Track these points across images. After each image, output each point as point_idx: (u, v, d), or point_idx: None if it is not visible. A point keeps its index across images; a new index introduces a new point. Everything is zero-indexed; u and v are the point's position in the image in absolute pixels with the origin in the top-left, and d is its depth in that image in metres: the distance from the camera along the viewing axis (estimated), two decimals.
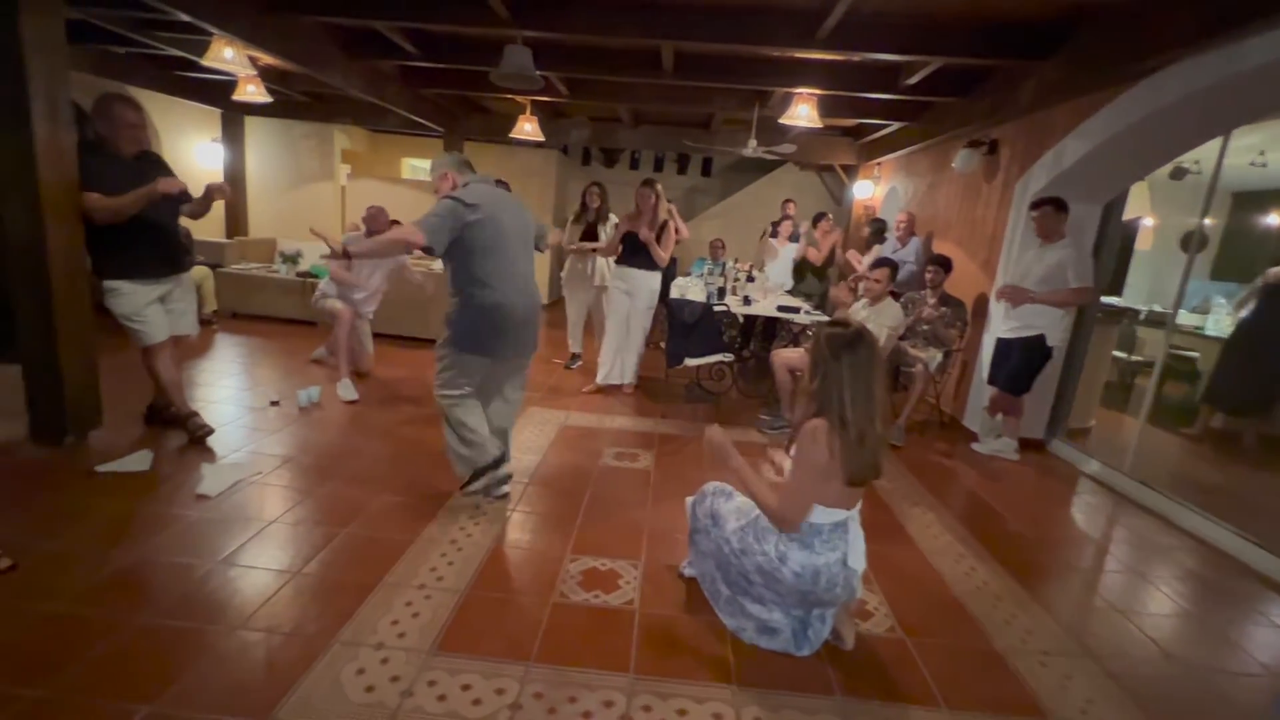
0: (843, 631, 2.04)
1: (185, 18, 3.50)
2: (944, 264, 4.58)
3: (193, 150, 7.48)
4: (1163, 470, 3.77)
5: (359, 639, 1.88)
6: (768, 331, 6.30)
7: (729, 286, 5.07)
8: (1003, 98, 4.28)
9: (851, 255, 6.07)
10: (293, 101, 7.12)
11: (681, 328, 4.22)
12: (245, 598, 2.03)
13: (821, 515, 1.90)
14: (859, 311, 3.88)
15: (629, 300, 4.60)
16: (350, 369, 4.31)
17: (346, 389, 4.08)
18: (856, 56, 4.47)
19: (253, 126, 7.83)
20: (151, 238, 2.95)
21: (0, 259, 2.77)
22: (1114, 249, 4.18)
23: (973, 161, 4.68)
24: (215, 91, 6.81)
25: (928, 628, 2.18)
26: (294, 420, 3.63)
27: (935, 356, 4.26)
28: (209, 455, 3.04)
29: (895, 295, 4.18)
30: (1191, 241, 3.92)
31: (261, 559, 2.25)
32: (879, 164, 7.19)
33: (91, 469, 2.73)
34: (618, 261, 4.59)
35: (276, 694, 1.65)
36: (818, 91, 4.87)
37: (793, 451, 1.92)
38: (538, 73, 4.07)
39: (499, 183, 3.20)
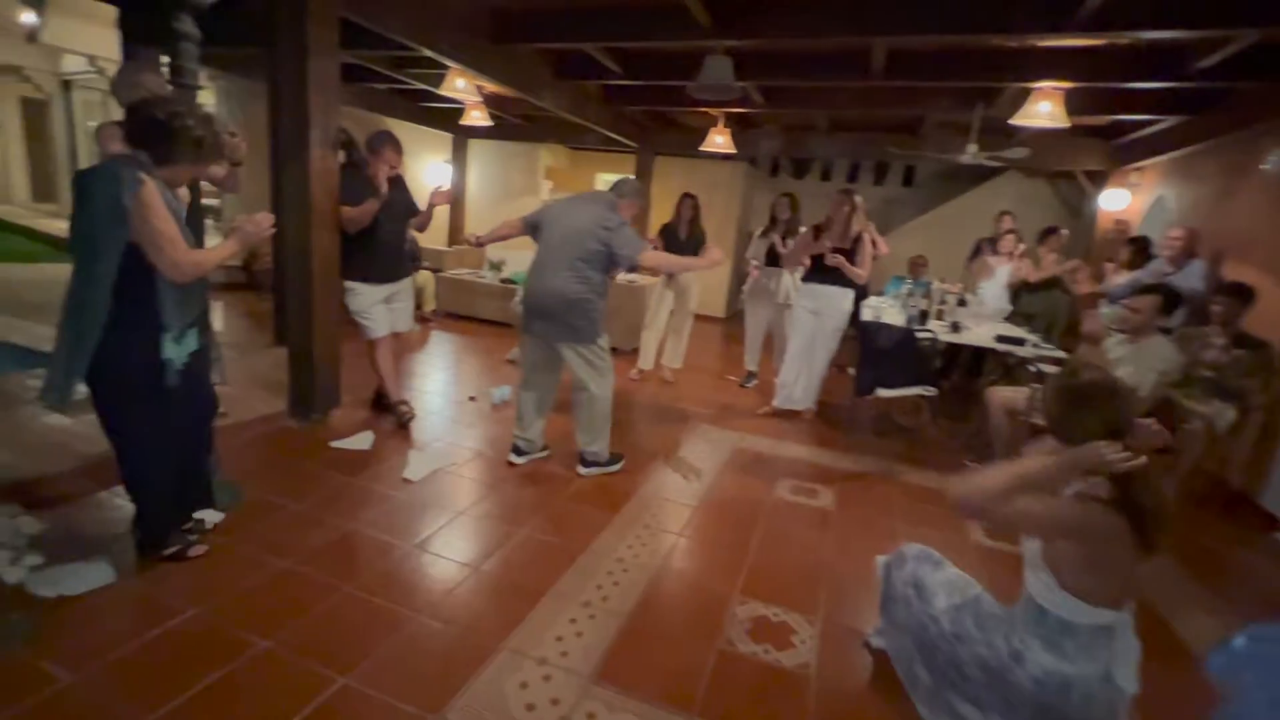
0: None
1: (429, 53, 3.97)
2: (1241, 293, 3.56)
3: (425, 170, 8.63)
4: None
5: (525, 649, 1.88)
6: (974, 363, 5.50)
7: (933, 310, 4.48)
8: None
9: (1108, 269, 5.00)
10: (508, 124, 7.88)
11: (875, 354, 3.80)
12: (433, 584, 2.16)
13: (1080, 613, 1.47)
14: (1114, 349, 3.14)
15: (815, 320, 4.26)
16: None
17: None
18: (1124, 39, 3.70)
19: (474, 148, 8.83)
20: (383, 247, 3.37)
21: (278, 262, 3.32)
22: None
23: None
24: (447, 118, 7.79)
25: None
26: (486, 416, 3.91)
27: (1224, 412, 3.31)
28: (415, 442, 3.36)
29: (1165, 331, 3.33)
30: None
31: (449, 548, 2.39)
32: (1140, 168, 5.92)
33: (328, 444, 3.16)
34: (805, 278, 4.29)
35: (449, 692, 1.69)
36: (1065, 84, 4.11)
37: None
38: (737, 83, 3.95)
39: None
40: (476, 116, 6.29)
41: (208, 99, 6.79)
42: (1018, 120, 4.22)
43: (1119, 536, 1.41)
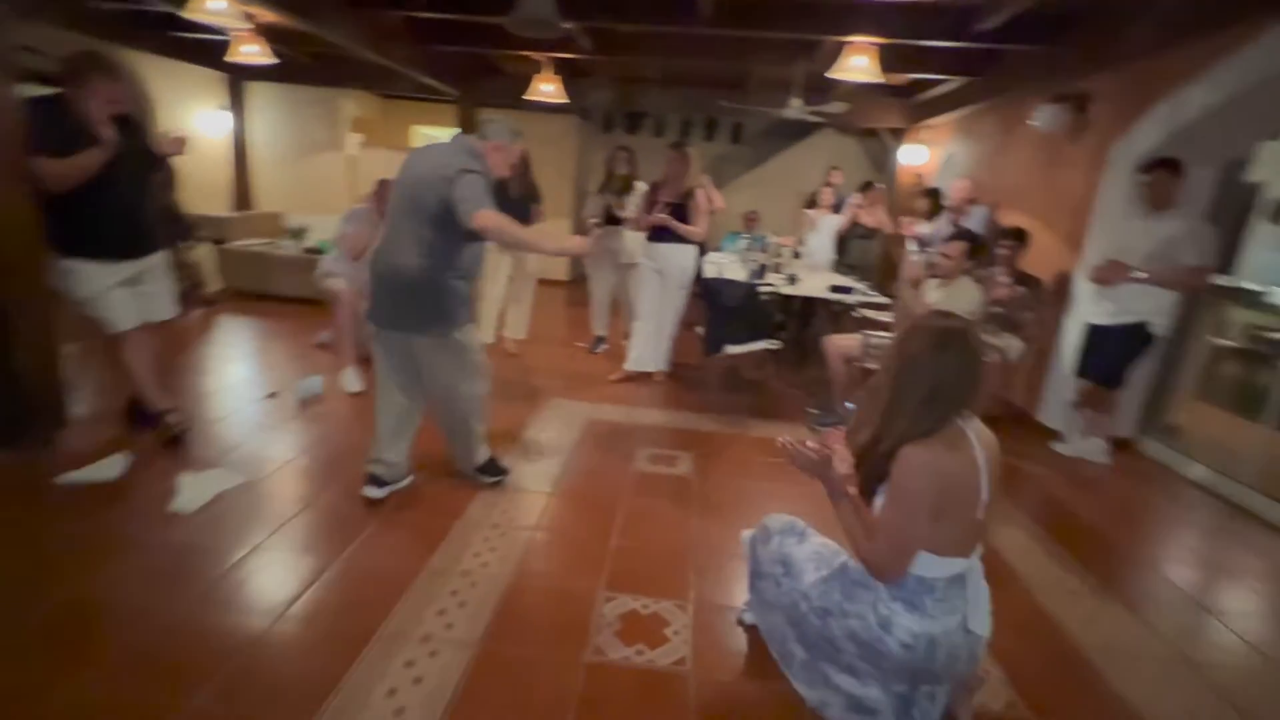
0: (960, 716, 1.61)
1: None
2: (1020, 237, 4.01)
3: (195, 119, 7.08)
4: None
5: (348, 715, 1.50)
6: (805, 313, 5.80)
7: (771, 263, 4.57)
8: (1099, 43, 3.66)
9: (906, 223, 5.47)
10: (296, 64, 6.65)
11: (723, 311, 3.75)
12: (211, 654, 1.66)
13: (933, 567, 1.45)
14: (931, 293, 3.37)
15: (660, 279, 4.13)
16: (357, 355, 3.92)
17: (351, 379, 3.69)
18: None
19: (256, 93, 7.39)
20: (115, 213, 2.54)
21: None
22: (1230, 219, 3.59)
23: (1057, 119, 4.07)
24: (213, 53, 6.36)
25: (1058, 702, 1.74)
26: (292, 416, 3.26)
27: (1014, 344, 3.73)
28: (191, 461, 2.67)
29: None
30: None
31: (236, 600, 1.88)
32: (931, 126, 6.53)
33: (53, 479, 2.37)
34: (648, 237, 4.11)
35: None
36: (877, 40, 4.27)
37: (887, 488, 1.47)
38: (560, 20, 3.55)
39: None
40: (251, 52, 5.16)
41: None
42: (835, 74, 4.32)
43: (962, 476, 1.40)
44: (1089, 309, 3.55)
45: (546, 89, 5.50)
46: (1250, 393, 5.00)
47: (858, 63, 4.21)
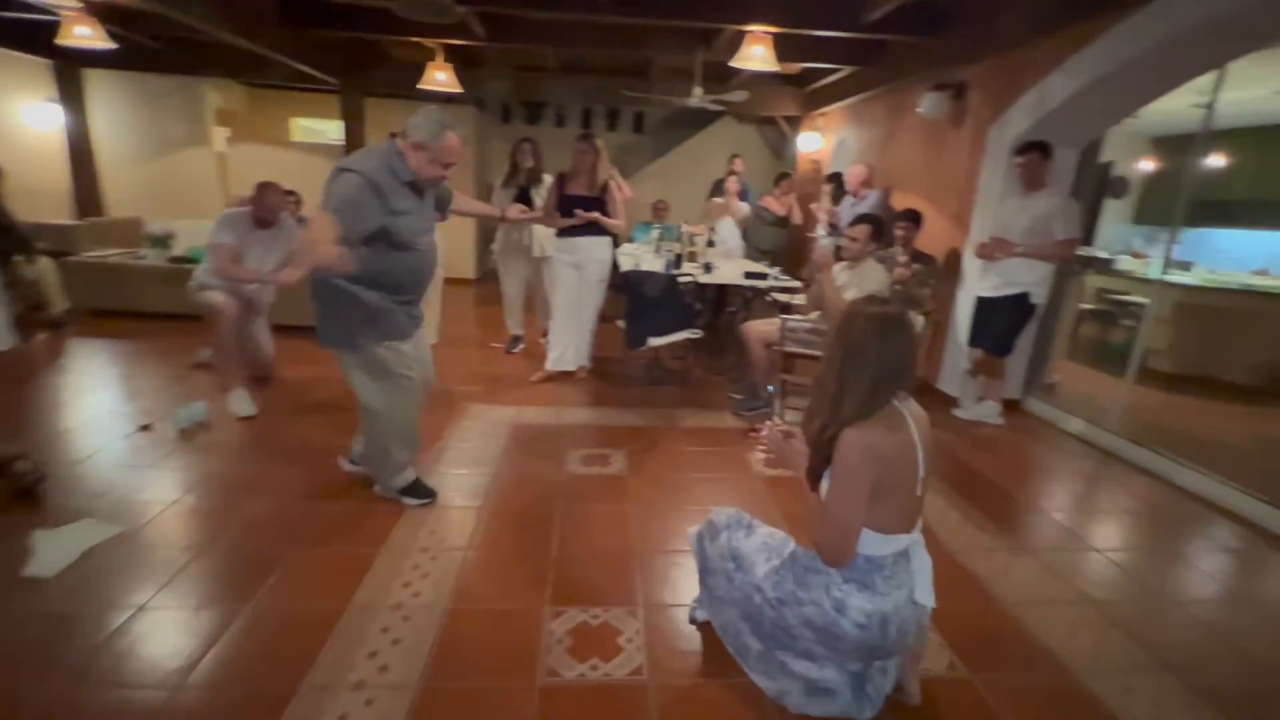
0: (908, 685, 1.67)
1: None
2: (915, 218, 4.27)
3: (19, 113, 6.12)
4: (1154, 427, 3.65)
5: None
6: (719, 301, 5.90)
7: (685, 252, 4.58)
8: (975, 34, 3.94)
9: (817, 208, 5.68)
10: (144, 50, 5.89)
11: (644, 303, 3.71)
12: None
13: (879, 545, 1.49)
14: (838, 275, 3.50)
15: (577, 273, 4.03)
16: (245, 375, 3.54)
17: (240, 401, 3.32)
18: None
19: (97, 83, 6.50)
20: None
21: None
22: (1089, 196, 3.98)
23: (940, 106, 4.35)
24: (32, 37, 5.50)
25: (990, 658, 1.85)
26: (173, 449, 2.89)
27: (918, 320, 3.96)
28: (51, 514, 2.29)
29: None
30: (1115, 187, 3.75)
31: (120, 674, 1.62)
32: (824, 114, 6.82)
33: None
34: (560, 232, 3.99)
35: None
36: (773, 29, 4.36)
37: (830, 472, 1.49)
38: (453, 4, 3.34)
39: None
40: (84, 34, 4.49)
41: None
42: (736, 62, 4.38)
43: (900, 455, 1.44)
44: (977, 283, 3.83)
45: (440, 78, 5.19)
46: (1106, 350, 5.65)
47: (756, 52, 4.28)
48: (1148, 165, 6.36)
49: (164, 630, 1.77)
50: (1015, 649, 1.91)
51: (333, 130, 8.45)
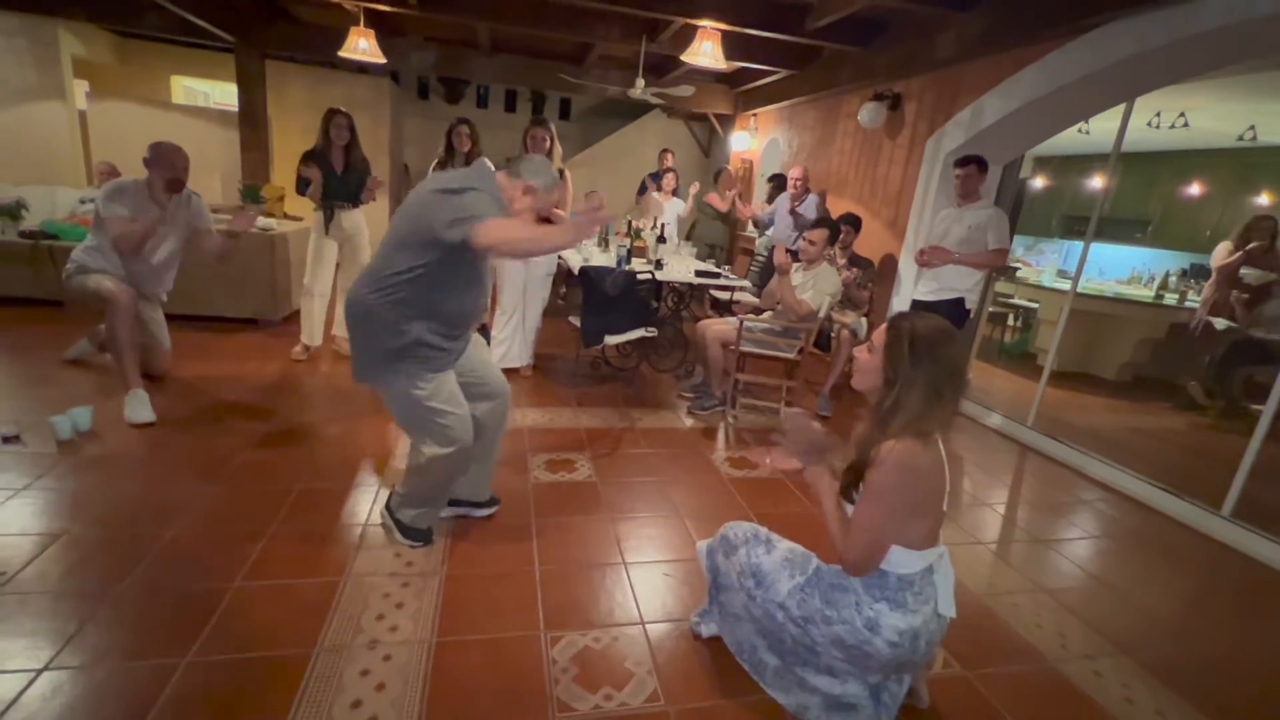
0: (919, 689, 1.69)
1: None
2: (855, 223, 4.44)
3: None
4: (1061, 420, 4.03)
5: None
6: (663, 297, 5.86)
7: (631, 246, 4.47)
8: (912, 50, 4.13)
9: (753, 207, 5.78)
10: None
11: (602, 301, 3.57)
12: None
13: (911, 562, 1.49)
14: (794, 277, 3.56)
15: (524, 268, 3.83)
16: (141, 374, 3.03)
17: (137, 405, 2.83)
18: None
19: None
20: None
21: None
22: (1009, 208, 4.31)
23: (878, 116, 4.54)
24: None
25: (976, 650, 1.94)
26: (52, 465, 2.40)
27: (860, 320, 4.13)
28: None
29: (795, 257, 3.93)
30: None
31: None
32: (756, 114, 6.95)
33: None
34: None
35: None
36: (720, 26, 4.35)
37: (866, 485, 1.48)
38: None
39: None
40: None
41: None
42: (686, 57, 4.32)
43: (935, 472, 1.45)
44: (913, 288, 4.04)
45: (363, 45, 4.72)
46: (1006, 349, 6.23)
47: (705, 48, 4.24)
48: (1034, 182, 7.07)
49: (78, 698, 1.44)
50: (994, 640, 2.01)
51: (218, 93, 7.53)
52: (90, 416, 2.71)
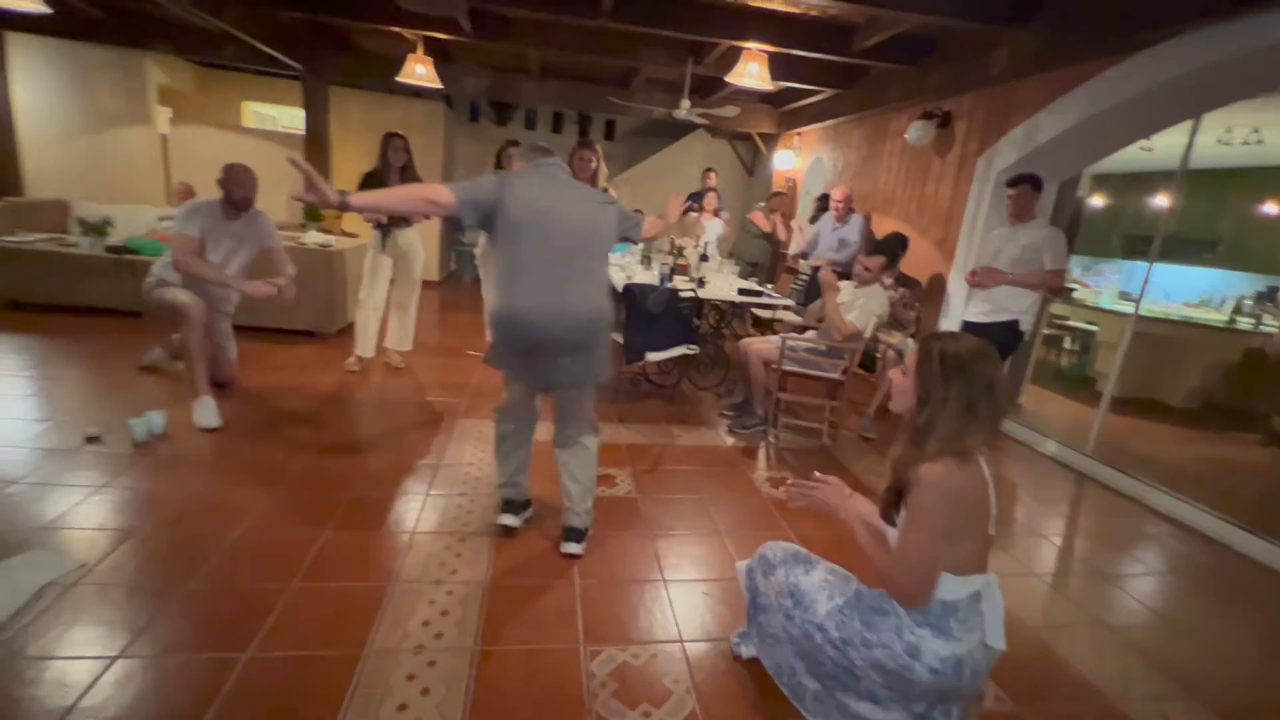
0: None
1: None
2: (902, 242, 4.36)
3: None
4: (1123, 449, 3.85)
5: None
6: (704, 314, 5.87)
7: (674, 264, 4.51)
8: (963, 67, 4.07)
9: (794, 230, 5.76)
10: (80, 16, 5.36)
11: (644, 318, 3.61)
12: None
13: (955, 588, 1.45)
14: (844, 294, 3.52)
15: None
16: (210, 381, 3.21)
17: (206, 411, 3.01)
18: (815, 9, 4.06)
19: (20, 49, 5.86)
20: None
21: None
22: (1066, 227, 4.18)
23: (926, 134, 4.48)
24: None
25: (1031, 686, 1.86)
26: (129, 465, 2.57)
27: (907, 341, 4.05)
28: None
29: (844, 276, 3.88)
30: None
31: None
32: (800, 133, 6.94)
33: None
34: None
35: None
36: (768, 48, 4.39)
37: (906, 510, 1.45)
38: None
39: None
40: None
41: None
42: (731, 79, 4.38)
43: (977, 493, 1.41)
44: (964, 309, 3.94)
45: (420, 71, 4.95)
46: (1063, 373, 5.98)
47: (752, 69, 4.29)
48: (1092, 200, 6.82)
49: (148, 686, 1.53)
50: (1050, 676, 1.93)
51: (285, 117, 7.97)
52: (164, 420, 2.89)
